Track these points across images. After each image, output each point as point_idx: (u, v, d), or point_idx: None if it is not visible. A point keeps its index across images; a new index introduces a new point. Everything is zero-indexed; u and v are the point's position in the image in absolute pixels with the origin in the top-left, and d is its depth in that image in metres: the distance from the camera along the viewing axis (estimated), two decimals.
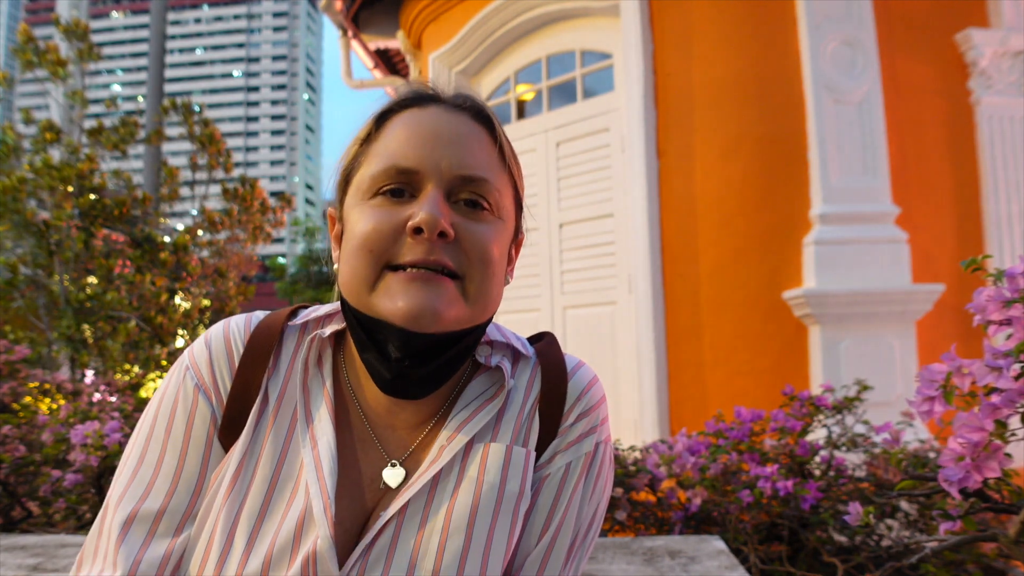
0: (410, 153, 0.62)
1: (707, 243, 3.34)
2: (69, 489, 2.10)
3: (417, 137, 0.62)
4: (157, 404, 0.67)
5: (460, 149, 0.63)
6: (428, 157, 0.61)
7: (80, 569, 0.64)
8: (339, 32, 5.55)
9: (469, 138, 0.64)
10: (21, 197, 4.91)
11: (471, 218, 0.62)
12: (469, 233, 0.61)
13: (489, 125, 0.67)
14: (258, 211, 6.53)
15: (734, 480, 2.00)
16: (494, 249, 0.63)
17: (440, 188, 0.61)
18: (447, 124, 0.64)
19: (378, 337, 0.61)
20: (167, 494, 0.63)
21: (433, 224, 0.58)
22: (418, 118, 0.64)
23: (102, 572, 0.61)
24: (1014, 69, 3.34)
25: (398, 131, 0.64)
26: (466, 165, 0.62)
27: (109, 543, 0.62)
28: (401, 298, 0.58)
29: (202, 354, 0.68)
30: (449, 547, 0.62)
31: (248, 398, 0.66)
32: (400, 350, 0.60)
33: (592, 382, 0.73)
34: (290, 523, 0.61)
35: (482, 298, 0.62)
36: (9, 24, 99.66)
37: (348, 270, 0.62)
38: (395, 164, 0.61)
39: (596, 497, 0.70)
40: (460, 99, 0.67)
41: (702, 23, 3.44)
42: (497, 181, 0.65)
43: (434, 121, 0.64)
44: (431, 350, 0.61)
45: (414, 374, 0.62)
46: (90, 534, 0.65)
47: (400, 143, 0.63)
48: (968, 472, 0.73)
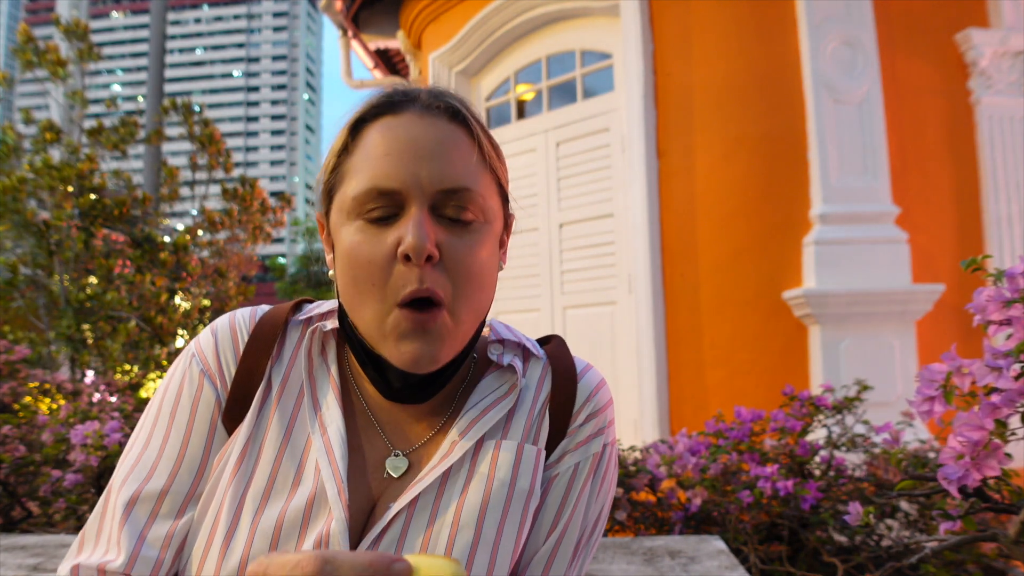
0: (390, 172, 0.61)
1: (707, 243, 3.34)
2: (69, 489, 2.10)
3: (395, 153, 0.62)
4: (163, 391, 0.69)
5: (439, 161, 0.62)
6: (408, 174, 0.61)
7: (81, 550, 0.64)
8: (339, 32, 5.55)
9: (447, 145, 0.63)
10: (21, 197, 4.91)
11: (456, 232, 0.63)
12: (454, 251, 0.62)
13: (466, 124, 0.66)
14: (258, 211, 6.54)
15: (734, 480, 2.00)
16: (479, 260, 0.64)
17: (423, 206, 0.61)
18: (423, 133, 0.63)
19: (380, 363, 0.65)
20: (170, 475, 0.64)
21: (420, 251, 0.59)
22: (393, 129, 0.63)
23: (106, 553, 0.62)
24: (1014, 69, 3.34)
25: (374, 145, 0.63)
26: (447, 177, 0.62)
27: (112, 523, 0.63)
28: (405, 346, 0.61)
29: (208, 342, 0.70)
30: (458, 542, 0.62)
31: (252, 383, 0.68)
32: (400, 381, 0.65)
33: (600, 384, 0.74)
34: (298, 503, 0.62)
35: (470, 314, 0.64)
36: (9, 24, 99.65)
37: (352, 298, 0.63)
38: (375, 186, 0.61)
39: (602, 498, 0.72)
40: (435, 99, 0.66)
41: (702, 23, 3.44)
42: (480, 186, 0.64)
43: (409, 131, 0.63)
44: (429, 380, 0.65)
45: (412, 390, 0.66)
46: (92, 516, 0.66)
47: (378, 160, 0.62)
48: (967, 470, 0.73)
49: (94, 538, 0.64)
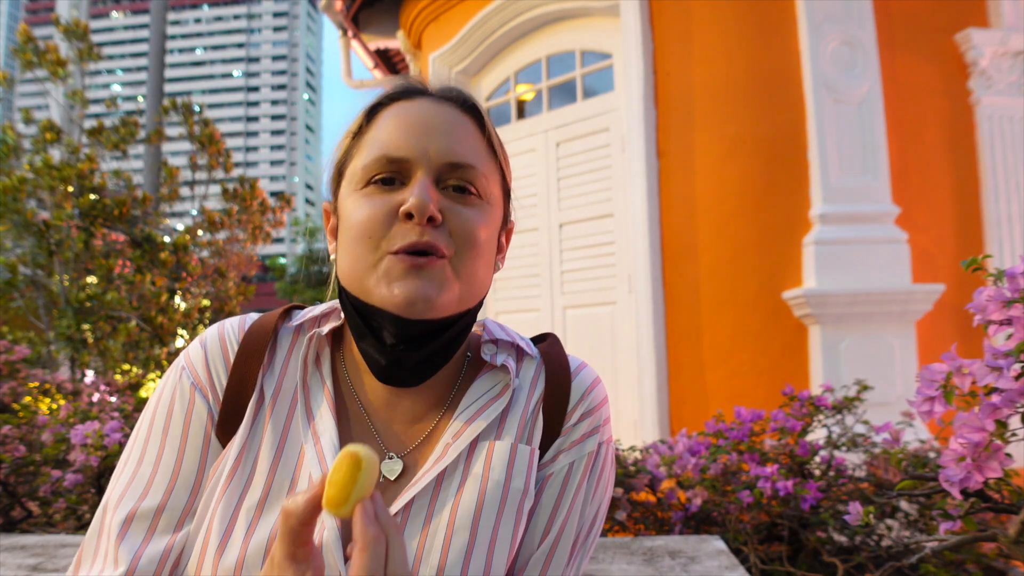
0: (400, 143, 0.64)
1: (707, 243, 3.34)
2: (69, 489, 2.10)
3: (406, 127, 0.65)
4: (154, 405, 0.68)
5: (447, 137, 0.65)
6: (417, 145, 0.64)
7: (79, 568, 0.64)
8: (339, 32, 5.55)
9: (456, 127, 0.66)
10: (21, 197, 4.90)
11: (459, 202, 0.65)
12: (456, 216, 0.64)
13: (476, 115, 0.69)
14: (258, 211, 6.53)
15: (734, 480, 2.00)
16: (481, 231, 0.65)
17: (429, 175, 0.63)
18: (435, 114, 0.66)
19: (374, 324, 0.64)
20: (166, 491, 0.64)
21: (423, 209, 0.60)
22: (407, 109, 0.67)
23: (103, 570, 0.62)
24: (1014, 69, 3.34)
25: (388, 122, 0.66)
26: (453, 152, 0.65)
27: (109, 541, 0.63)
28: (397, 286, 0.61)
29: (197, 354, 0.69)
30: (454, 544, 0.62)
31: (244, 394, 0.67)
32: (395, 336, 0.63)
33: (595, 383, 0.74)
34: None
35: (470, 279, 0.64)
36: (9, 24, 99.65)
37: (348, 258, 0.64)
38: (385, 154, 0.64)
39: (598, 497, 0.71)
40: (448, 91, 0.70)
41: (702, 23, 3.44)
42: (484, 168, 0.67)
43: (422, 111, 0.66)
44: (424, 336, 0.63)
45: (408, 360, 0.64)
46: (88, 534, 0.65)
47: (390, 133, 0.65)
48: (969, 472, 0.73)
49: (91, 556, 0.64)
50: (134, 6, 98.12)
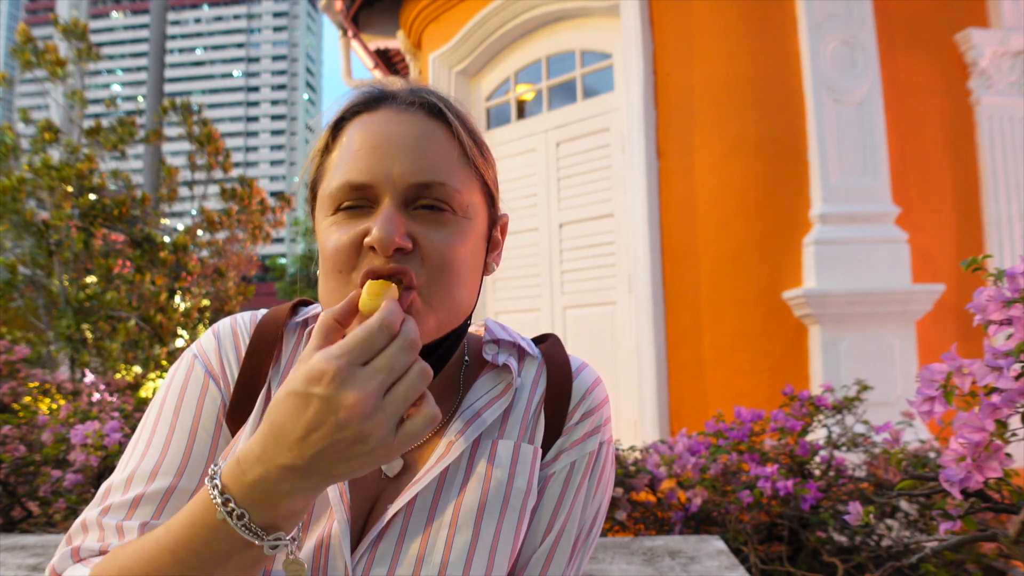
0: (363, 165, 0.61)
1: (707, 243, 3.34)
2: (69, 489, 2.10)
3: (369, 148, 0.62)
4: (165, 391, 0.69)
5: (412, 155, 0.61)
6: (379, 168, 0.61)
7: (79, 537, 0.62)
8: (339, 32, 5.55)
9: (421, 140, 0.63)
10: (21, 197, 4.90)
11: (431, 224, 0.62)
12: (428, 241, 0.61)
13: (445, 121, 0.65)
14: (257, 211, 6.53)
15: (734, 480, 2.00)
16: (458, 252, 0.62)
17: (395, 200, 0.61)
18: (397, 128, 0.63)
19: None
20: (177, 473, 0.64)
21: (386, 243, 0.58)
22: (368, 126, 0.63)
23: (109, 539, 0.61)
24: (1014, 69, 3.34)
25: (350, 141, 0.63)
26: (419, 171, 0.61)
27: (116, 518, 0.62)
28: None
29: (210, 344, 0.71)
30: (457, 542, 0.62)
31: (255, 386, 0.68)
32: None
33: (596, 383, 0.74)
34: None
35: (445, 305, 0.62)
36: (9, 24, 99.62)
37: (323, 288, 0.64)
38: (348, 181, 0.61)
39: (599, 496, 0.72)
40: (413, 96, 0.65)
41: (702, 23, 3.44)
42: (456, 181, 0.63)
43: (385, 126, 0.63)
44: None
45: None
46: (88, 509, 0.64)
47: (352, 156, 0.62)
48: (969, 472, 0.73)
49: (96, 528, 0.62)
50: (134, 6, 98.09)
